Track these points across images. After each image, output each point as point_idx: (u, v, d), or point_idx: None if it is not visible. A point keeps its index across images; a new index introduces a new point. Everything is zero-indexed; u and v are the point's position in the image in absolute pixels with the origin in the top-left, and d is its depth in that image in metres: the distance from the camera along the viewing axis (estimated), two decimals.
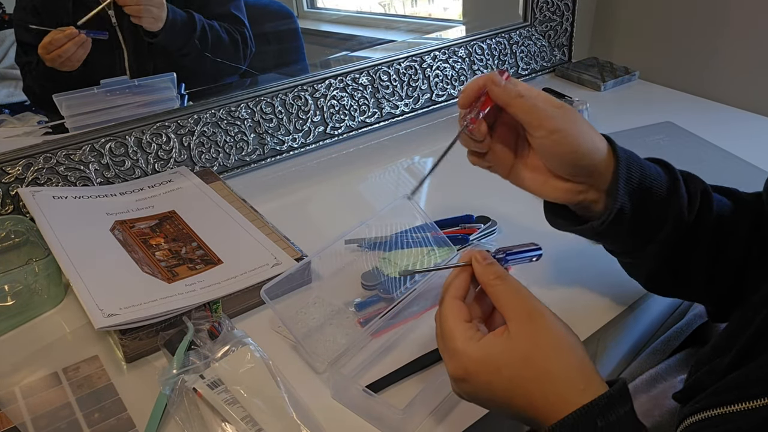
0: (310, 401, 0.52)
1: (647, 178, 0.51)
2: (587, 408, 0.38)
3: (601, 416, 0.38)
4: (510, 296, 0.43)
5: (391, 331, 0.60)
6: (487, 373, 0.41)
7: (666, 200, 0.51)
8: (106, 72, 0.84)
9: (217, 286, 0.61)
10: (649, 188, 0.51)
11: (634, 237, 0.52)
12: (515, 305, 0.42)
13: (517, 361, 0.40)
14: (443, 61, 1.08)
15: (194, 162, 0.86)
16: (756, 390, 0.37)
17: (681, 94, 1.16)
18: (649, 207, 0.51)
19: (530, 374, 0.40)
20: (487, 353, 0.41)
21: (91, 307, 0.56)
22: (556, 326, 0.42)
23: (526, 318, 0.42)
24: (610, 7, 1.33)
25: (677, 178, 0.53)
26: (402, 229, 0.68)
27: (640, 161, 0.52)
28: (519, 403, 0.41)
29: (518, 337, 0.41)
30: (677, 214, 0.51)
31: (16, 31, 0.83)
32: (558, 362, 0.40)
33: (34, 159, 0.75)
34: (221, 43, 0.93)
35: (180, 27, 0.87)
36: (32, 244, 0.69)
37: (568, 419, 0.38)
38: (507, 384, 0.40)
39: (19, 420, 0.51)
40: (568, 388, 0.39)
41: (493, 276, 0.44)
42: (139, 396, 0.53)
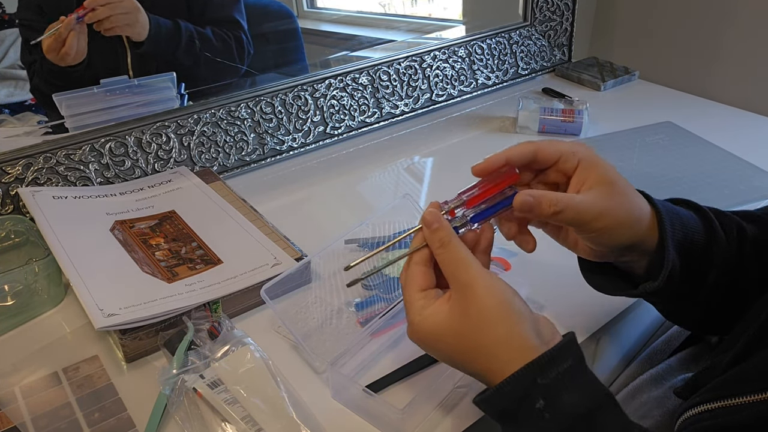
0: (310, 401, 0.52)
1: (688, 230, 0.49)
2: (526, 368, 0.39)
3: (541, 374, 0.39)
4: (449, 266, 0.43)
5: (391, 331, 0.60)
6: (433, 341, 0.44)
7: (708, 245, 0.49)
8: (109, 72, 0.84)
9: (217, 286, 0.61)
10: (691, 240, 0.49)
11: (684, 287, 0.50)
12: (454, 275, 0.43)
13: (451, 335, 0.42)
14: (443, 61, 1.08)
15: (194, 162, 0.86)
16: (757, 384, 0.37)
17: (681, 94, 1.16)
18: (694, 258, 0.49)
19: (464, 346, 0.42)
20: (430, 324, 0.43)
21: (91, 307, 0.56)
22: (490, 296, 0.41)
23: (459, 290, 0.42)
24: (610, 7, 1.33)
25: (710, 218, 0.51)
26: (402, 229, 0.68)
27: (678, 212, 0.50)
28: (463, 368, 0.44)
29: (453, 310, 0.42)
30: (722, 255, 0.49)
31: (20, 30, 0.83)
32: (492, 333, 0.41)
33: (34, 159, 0.75)
34: (212, 49, 0.92)
35: (165, 36, 0.87)
36: (32, 244, 0.69)
37: (506, 381, 0.39)
38: (447, 354, 0.43)
39: (19, 420, 0.51)
40: (504, 357, 0.40)
41: (437, 243, 0.44)
42: (139, 396, 0.53)
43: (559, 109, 1.00)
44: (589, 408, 0.39)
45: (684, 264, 0.48)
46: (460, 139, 1.01)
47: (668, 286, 0.49)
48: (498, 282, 0.43)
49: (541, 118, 1.00)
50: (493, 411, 0.41)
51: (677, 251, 0.48)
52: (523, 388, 0.39)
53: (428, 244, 0.45)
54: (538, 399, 0.39)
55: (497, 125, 1.05)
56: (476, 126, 1.05)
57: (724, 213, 0.53)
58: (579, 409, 0.38)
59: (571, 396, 0.39)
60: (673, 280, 0.48)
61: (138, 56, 0.86)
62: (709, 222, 0.50)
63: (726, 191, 0.82)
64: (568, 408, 0.38)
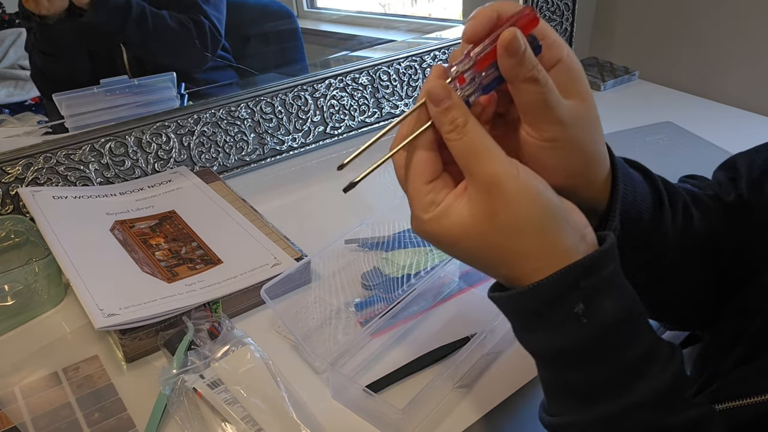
0: (310, 401, 0.52)
1: (638, 200, 0.43)
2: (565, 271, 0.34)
3: (584, 277, 0.34)
4: (468, 156, 0.36)
5: (391, 331, 0.60)
6: (450, 242, 0.37)
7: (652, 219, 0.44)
8: (106, 71, 0.84)
9: (217, 286, 0.61)
10: (638, 211, 0.43)
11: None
12: (474, 167, 0.35)
13: (474, 238, 0.36)
14: (443, 60, 1.08)
15: (194, 162, 0.86)
16: (758, 387, 0.37)
17: (681, 94, 1.16)
18: (636, 231, 0.43)
19: (488, 251, 0.36)
20: (446, 224, 0.37)
21: (91, 307, 0.56)
22: (522, 198, 0.35)
23: (482, 186, 0.35)
24: (610, 7, 1.33)
25: (660, 191, 0.45)
26: (402, 229, 0.68)
27: (632, 176, 0.44)
28: (483, 268, 0.38)
29: (475, 209, 0.36)
30: (664, 233, 0.44)
31: (21, 22, 0.83)
32: (522, 242, 0.35)
33: (34, 159, 0.75)
34: (167, 29, 0.89)
35: (111, 8, 0.84)
36: (32, 244, 0.69)
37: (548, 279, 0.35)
38: (466, 254, 0.37)
39: (19, 420, 0.51)
40: (529, 266, 0.35)
41: (449, 126, 0.36)
42: (139, 396, 0.53)
43: None
44: (625, 315, 0.35)
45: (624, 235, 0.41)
46: None
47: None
48: (528, 175, 0.36)
49: None
50: (517, 309, 0.37)
51: (620, 219, 0.41)
52: (561, 290, 0.35)
53: (436, 124, 0.37)
54: (577, 303, 0.34)
55: None
56: None
57: (673, 186, 0.47)
58: (618, 315, 0.35)
59: (610, 302, 0.35)
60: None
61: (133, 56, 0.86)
62: (658, 194, 0.44)
63: None
64: (608, 314, 0.35)
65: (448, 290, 0.65)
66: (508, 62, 0.35)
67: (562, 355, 0.36)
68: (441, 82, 0.37)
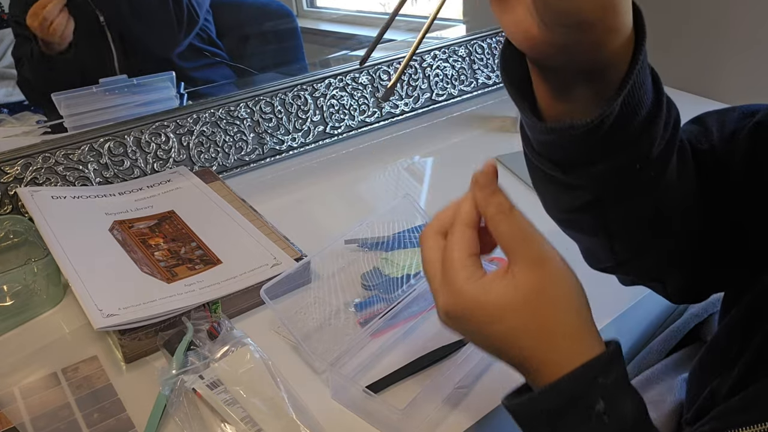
0: (310, 401, 0.52)
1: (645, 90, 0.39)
2: (589, 365, 0.35)
3: (603, 374, 0.35)
4: (515, 236, 0.37)
5: (391, 332, 0.60)
6: (483, 317, 0.37)
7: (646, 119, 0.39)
8: (95, 71, 0.83)
9: (216, 286, 0.61)
10: (637, 102, 0.38)
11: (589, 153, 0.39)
12: (521, 247, 0.37)
13: (519, 313, 0.36)
14: (443, 60, 1.08)
15: (193, 162, 0.86)
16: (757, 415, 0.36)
17: (681, 94, 1.16)
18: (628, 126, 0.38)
19: (531, 327, 0.36)
20: (487, 299, 0.37)
21: (90, 307, 0.56)
22: (566, 278, 0.37)
23: (532, 264, 0.37)
24: None
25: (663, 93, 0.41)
26: (402, 229, 0.68)
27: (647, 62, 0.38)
28: (511, 354, 0.38)
29: (523, 286, 0.36)
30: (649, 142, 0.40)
31: (12, 26, 0.83)
32: (563, 319, 0.36)
33: (33, 159, 0.75)
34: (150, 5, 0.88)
35: None
36: (31, 244, 0.69)
37: (566, 377, 0.35)
38: (502, 335, 0.37)
39: (19, 420, 0.51)
40: (567, 349, 0.36)
41: (495, 209, 0.38)
42: (139, 396, 0.53)
43: None
44: (641, 414, 0.36)
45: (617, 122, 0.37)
46: (460, 138, 1.00)
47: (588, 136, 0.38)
48: (565, 264, 0.38)
49: None
50: (537, 411, 0.36)
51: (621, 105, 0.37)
52: (582, 387, 0.35)
53: (482, 207, 0.39)
54: (597, 400, 0.34)
55: (497, 125, 1.04)
56: (476, 126, 1.04)
57: (670, 99, 0.42)
58: (637, 414, 0.35)
59: (627, 400, 0.35)
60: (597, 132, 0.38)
61: (125, 55, 0.86)
62: (659, 95, 0.40)
63: None
64: (629, 412, 0.35)
65: None
66: None
67: None
68: (485, 173, 0.39)
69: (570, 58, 0.36)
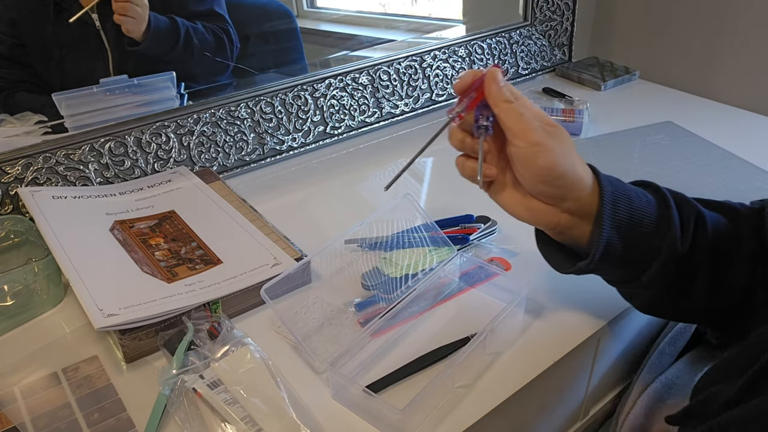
0: (310, 401, 0.52)
1: (636, 211, 0.49)
2: None
3: None
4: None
5: (391, 331, 0.60)
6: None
7: (657, 232, 0.49)
8: (89, 75, 0.83)
9: (216, 286, 0.61)
10: (639, 222, 0.49)
11: (627, 270, 0.51)
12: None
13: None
14: (443, 60, 1.08)
15: (194, 162, 0.86)
16: (755, 427, 0.38)
17: (681, 94, 1.16)
18: (639, 240, 0.49)
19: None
20: None
21: (90, 307, 0.56)
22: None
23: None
24: (610, 7, 1.33)
25: (669, 205, 0.50)
26: (402, 229, 0.68)
27: (628, 192, 0.50)
28: None
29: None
30: (671, 245, 0.49)
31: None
32: None
33: (34, 159, 0.75)
34: (207, 45, 0.91)
35: (164, 34, 0.85)
36: (32, 244, 0.69)
37: None
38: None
39: (19, 420, 0.51)
40: None
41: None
42: (139, 396, 0.53)
43: (559, 108, 1.00)
44: None
45: (628, 243, 0.49)
46: None
47: (607, 263, 0.49)
48: None
49: None
50: None
51: (618, 229, 0.48)
52: None
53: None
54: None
55: None
56: None
57: (686, 199, 0.52)
58: None
59: None
60: (611, 258, 0.49)
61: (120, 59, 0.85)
62: (664, 206, 0.50)
63: (726, 191, 0.82)
64: None
65: (448, 290, 0.65)
66: (493, 87, 0.49)
67: None
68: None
69: (561, 210, 0.50)
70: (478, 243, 0.72)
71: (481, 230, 0.72)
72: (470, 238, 0.71)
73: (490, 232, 0.73)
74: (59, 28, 0.81)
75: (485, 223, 0.73)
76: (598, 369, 0.66)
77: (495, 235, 0.73)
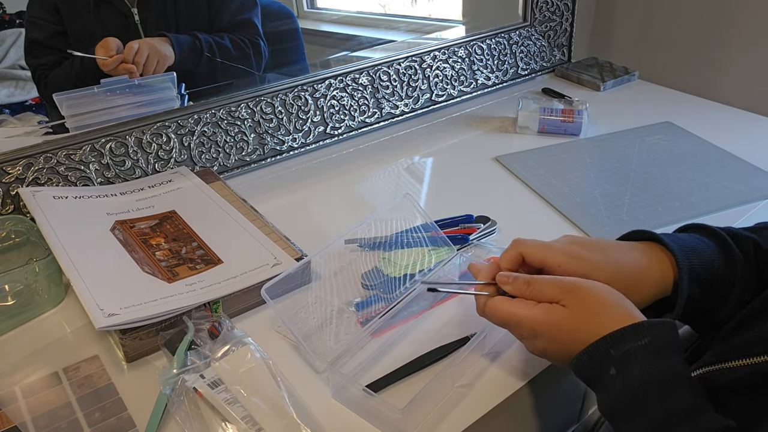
0: (310, 401, 0.52)
1: (706, 259, 0.52)
2: (602, 339, 0.44)
3: (614, 347, 0.44)
4: (547, 287, 0.49)
5: (391, 331, 0.60)
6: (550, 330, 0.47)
7: (727, 269, 0.53)
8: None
9: (217, 286, 0.61)
10: (710, 268, 0.52)
11: (707, 308, 0.54)
12: (555, 292, 0.48)
13: (574, 320, 0.47)
14: (443, 61, 1.09)
15: (194, 162, 0.86)
16: (758, 349, 0.42)
17: (681, 94, 1.16)
18: (716, 282, 0.52)
19: (584, 328, 0.46)
20: (547, 315, 0.48)
21: (91, 306, 0.56)
22: (596, 290, 0.48)
23: (569, 292, 0.48)
24: (609, 7, 1.33)
25: (728, 243, 0.54)
26: (402, 229, 0.68)
27: (691, 246, 0.53)
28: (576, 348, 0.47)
29: (570, 306, 0.47)
30: (741, 278, 0.52)
31: (29, 29, 0.83)
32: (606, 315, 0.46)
33: (35, 159, 0.75)
34: (230, 58, 0.93)
35: (188, 54, 0.89)
36: (33, 243, 0.69)
37: (586, 349, 0.45)
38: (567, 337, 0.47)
39: (20, 420, 0.51)
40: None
41: (524, 287, 0.50)
42: (140, 396, 0.53)
43: (558, 109, 1.00)
44: (653, 380, 0.42)
45: (705, 290, 0.52)
46: (460, 139, 1.01)
47: (688, 310, 0.52)
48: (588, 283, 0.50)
49: (541, 118, 1.00)
50: (581, 376, 0.47)
51: (696, 281, 0.52)
52: (596, 358, 0.45)
53: (513, 293, 0.51)
54: (610, 368, 0.44)
55: (497, 125, 1.05)
56: (476, 126, 1.05)
57: (739, 233, 0.55)
58: (645, 376, 0.42)
59: (636, 367, 0.43)
60: (693, 305, 0.52)
61: None
62: (726, 247, 0.53)
63: (725, 191, 0.83)
64: (635, 377, 0.42)
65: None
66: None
67: (609, 414, 0.45)
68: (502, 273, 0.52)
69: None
70: (478, 243, 0.72)
71: (480, 230, 0.72)
72: (470, 238, 0.71)
73: (490, 232, 0.73)
74: (99, 17, 0.82)
75: (485, 223, 0.73)
76: None
77: (495, 235, 0.73)
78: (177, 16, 0.88)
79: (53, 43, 0.82)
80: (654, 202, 0.80)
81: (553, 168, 0.89)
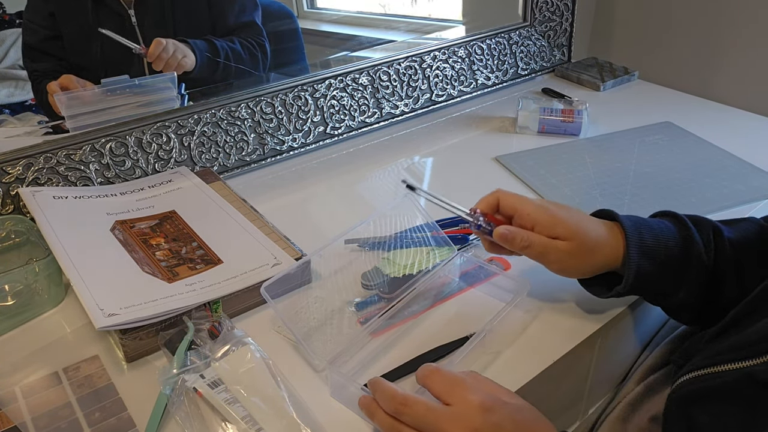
0: (310, 400, 0.52)
1: (659, 236, 0.56)
2: None
3: None
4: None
5: (391, 331, 0.60)
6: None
7: (683, 250, 0.56)
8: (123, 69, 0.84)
9: (217, 286, 0.61)
10: (664, 244, 0.55)
11: (663, 287, 0.57)
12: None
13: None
14: (443, 61, 1.09)
15: (194, 162, 0.86)
16: (744, 353, 0.44)
17: (680, 94, 1.16)
18: (668, 260, 0.55)
19: None
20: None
21: (91, 306, 0.56)
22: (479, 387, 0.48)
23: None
24: (609, 7, 1.33)
25: (687, 226, 0.57)
26: (402, 229, 0.68)
27: (648, 223, 0.57)
28: None
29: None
30: (698, 257, 0.55)
31: (24, 32, 0.83)
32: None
33: (35, 159, 0.75)
34: (242, 62, 0.95)
35: (207, 61, 0.90)
36: (32, 243, 0.69)
37: None
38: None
39: (20, 420, 0.51)
40: None
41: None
42: (140, 395, 0.53)
43: (558, 109, 1.00)
44: None
45: (661, 269, 0.55)
46: (460, 139, 1.01)
47: (643, 285, 0.56)
48: None
49: (541, 118, 1.00)
50: None
51: (647, 256, 0.55)
52: None
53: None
54: None
55: (497, 125, 1.05)
56: (476, 126, 1.05)
57: (700, 217, 0.59)
58: None
59: None
60: (647, 281, 0.55)
61: None
62: (684, 227, 0.57)
63: (725, 191, 0.83)
64: None
65: (448, 290, 0.65)
66: (505, 244, 0.57)
67: None
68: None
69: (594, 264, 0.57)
70: (478, 243, 0.72)
71: None
72: (470, 237, 0.71)
73: (490, 232, 0.73)
74: (96, 21, 0.82)
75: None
76: (597, 368, 0.66)
77: None
78: (175, 18, 0.88)
79: (47, 47, 0.82)
80: (654, 202, 0.81)
81: (553, 168, 0.89)
